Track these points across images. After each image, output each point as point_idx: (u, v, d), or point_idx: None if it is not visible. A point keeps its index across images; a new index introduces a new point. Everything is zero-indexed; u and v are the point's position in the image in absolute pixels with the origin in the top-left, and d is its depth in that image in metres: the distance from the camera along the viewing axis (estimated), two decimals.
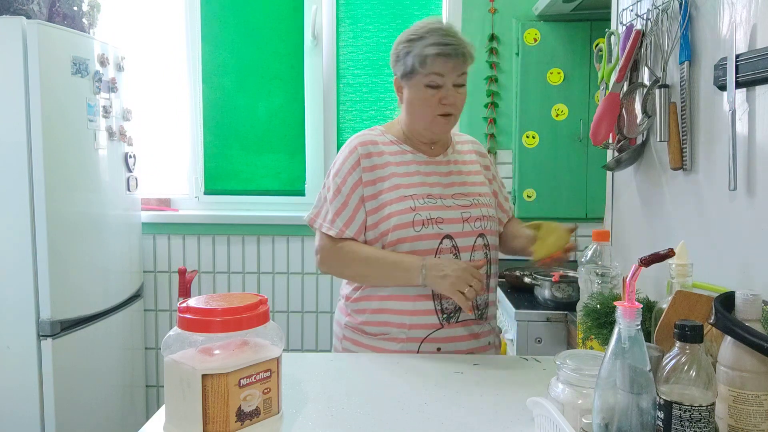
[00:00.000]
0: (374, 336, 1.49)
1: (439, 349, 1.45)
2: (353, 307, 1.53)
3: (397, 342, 1.46)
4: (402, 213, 1.46)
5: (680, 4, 1.32)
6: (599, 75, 1.65)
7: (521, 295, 2.17)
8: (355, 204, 1.49)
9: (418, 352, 1.45)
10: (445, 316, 1.46)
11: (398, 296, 1.46)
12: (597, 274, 1.25)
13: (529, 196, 2.66)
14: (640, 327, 0.77)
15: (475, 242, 1.50)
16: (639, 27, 1.52)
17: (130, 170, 2.56)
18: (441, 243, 1.46)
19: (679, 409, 0.79)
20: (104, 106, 2.35)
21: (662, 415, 0.80)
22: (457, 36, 1.46)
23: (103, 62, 2.34)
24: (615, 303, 0.79)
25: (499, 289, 2.13)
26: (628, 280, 0.82)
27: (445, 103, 1.45)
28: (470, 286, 1.35)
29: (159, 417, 1.04)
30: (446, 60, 1.42)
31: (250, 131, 2.85)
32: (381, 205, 1.48)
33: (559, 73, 2.61)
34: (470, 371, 1.30)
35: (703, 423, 0.78)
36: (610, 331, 0.83)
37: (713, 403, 0.80)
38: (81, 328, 2.24)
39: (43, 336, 2.09)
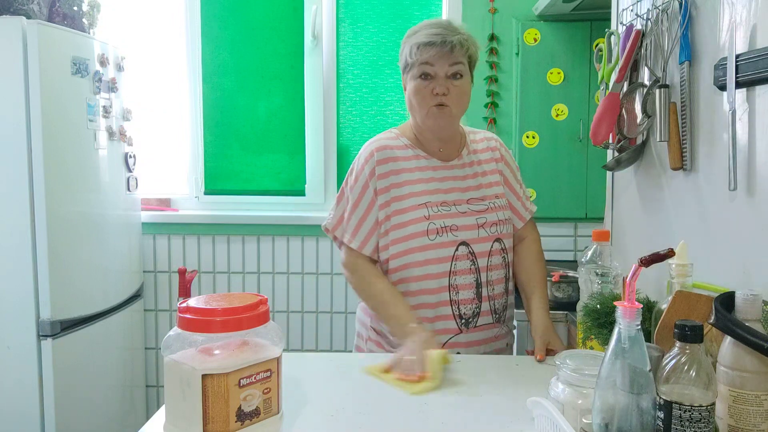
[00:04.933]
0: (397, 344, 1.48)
1: (458, 353, 1.45)
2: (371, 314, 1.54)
3: None
4: (416, 222, 1.45)
5: (680, 4, 1.32)
6: (599, 75, 1.65)
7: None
8: (373, 220, 1.49)
9: None
10: (463, 321, 1.46)
11: (418, 304, 1.46)
12: (597, 274, 1.25)
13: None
14: (640, 327, 0.77)
15: (491, 247, 1.49)
16: (639, 27, 1.52)
17: (130, 170, 2.56)
18: (457, 250, 1.46)
19: (679, 409, 0.79)
20: (104, 106, 2.35)
21: (662, 415, 0.80)
22: (450, 27, 1.44)
23: (103, 62, 2.34)
24: (615, 303, 0.79)
25: None
26: (628, 280, 0.82)
27: (436, 93, 1.43)
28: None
29: (159, 417, 1.04)
30: (431, 48, 1.41)
31: (250, 131, 2.85)
32: (392, 213, 1.48)
33: (559, 73, 2.61)
34: (470, 371, 1.30)
35: (703, 423, 0.78)
36: (610, 331, 0.83)
37: (713, 403, 0.80)
38: (81, 328, 2.24)
39: (43, 336, 2.09)
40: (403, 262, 1.46)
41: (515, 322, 1.86)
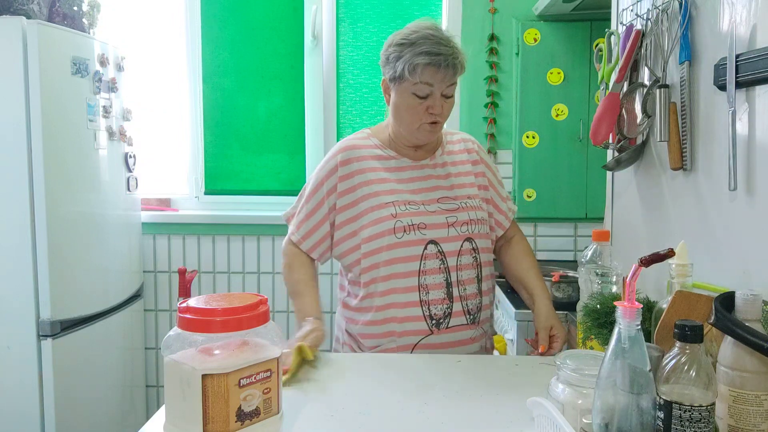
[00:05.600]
0: (370, 348, 1.48)
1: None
2: (349, 317, 1.53)
3: (389, 352, 1.45)
4: (383, 220, 1.44)
5: (680, 4, 1.32)
6: (599, 75, 1.65)
7: None
8: (322, 216, 1.51)
9: None
10: (434, 322, 1.44)
11: (389, 305, 1.44)
12: (597, 274, 1.25)
13: (529, 196, 2.66)
14: (640, 327, 0.77)
15: (461, 246, 1.47)
16: (639, 27, 1.52)
17: (130, 170, 2.56)
18: (426, 248, 1.44)
19: (679, 409, 0.79)
20: (104, 106, 2.35)
21: (662, 415, 0.80)
22: (449, 45, 1.41)
23: (103, 62, 2.34)
24: (615, 303, 0.79)
25: (498, 289, 2.13)
26: (628, 280, 0.82)
27: (432, 113, 1.42)
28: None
29: (159, 417, 1.04)
30: (436, 71, 1.38)
31: (250, 131, 2.85)
32: (361, 213, 1.47)
33: (559, 73, 2.61)
34: (470, 371, 1.30)
35: (703, 423, 0.78)
36: (610, 331, 0.83)
37: (713, 403, 0.80)
38: (81, 328, 2.24)
39: (43, 336, 2.09)
40: (372, 262, 1.45)
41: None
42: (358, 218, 1.47)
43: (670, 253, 0.89)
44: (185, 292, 2.55)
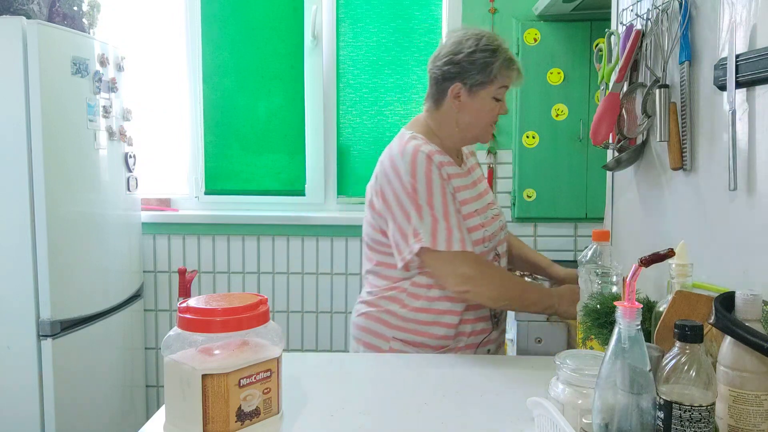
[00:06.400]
0: (434, 348, 1.48)
1: (489, 351, 1.55)
2: (410, 317, 1.48)
3: (454, 352, 1.49)
4: (475, 230, 1.48)
5: (680, 4, 1.32)
6: (599, 75, 1.65)
7: None
8: (460, 217, 1.48)
9: None
10: (495, 320, 1.55)
11: (469, 307, 1.48)
12: (597, 274, 1.25)
13: (529, 196, 2.66)
14: (640, 327, 0.77)
15: (505, 246, 1.62)
16: (639, 27, 1.52)
17: (130, 170, 2.56)
18: (491, 254, 1.54)
19: (679, 409, 0.79)
20: (104, 106, 2.35)
21: (662, 415, 0.80)
22: None
23: (103, 62, 2.34)
24: (615, 303, 0.79)
25: None
26: (628, 280, 0.82)
27: (499, 114, 1.51)
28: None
29: (159, 417, 1.04)
30: (518, 75, 1.50)
31: (250, 131, 2.85)
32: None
33: (559, 73, 2.61)
34: (470, 371, 1.30)
35: (703, 423, 0.78)
36: (610, 331, 0.83)
37: (713, 403, 0.80)
38: (81, 328, 2.24)
39: (43, 336, 2.09)
40: None
41: (515, 323, 1.88)
42: None
43: (670, 253, 0.89)
44: (185, 292, 2.55)
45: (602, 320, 1.17)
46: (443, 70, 1.47)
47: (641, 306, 0.78)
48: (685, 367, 0.79)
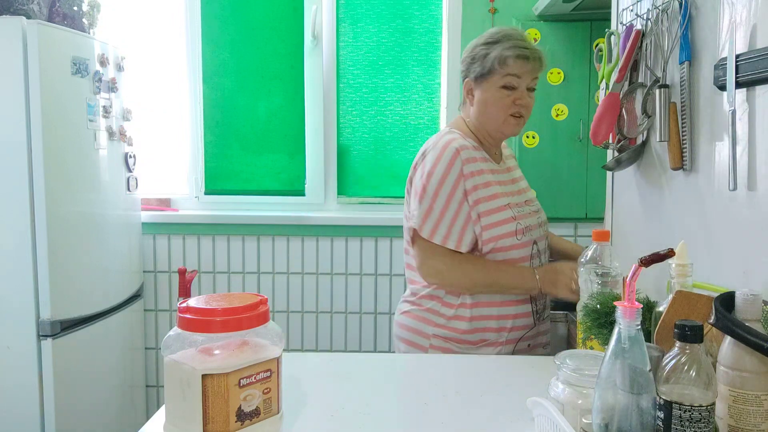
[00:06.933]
0: (473, 344, 1.51)
1: (529, 345, 1.56)
2: (446, 320, 1.52)
3: (495, 347, 1.51)
4: (506, 222, 1.50)
5: (680, 4, 1.32)
6: (599, 75, 1.65)
7: None
8: (466, 216, 1.50)
9: (513, 353, 1.52)
10: (538, 315, 1.56)
11: (498, 302, 1.51)
12: (597, 274, 1.25)
13: None
14: (640, 327, 0.77)
15: (546, 243, 1.63)
16: (639, 27, 1.52)
17: (130, 170, 2.56)
18: (532, 249, 1.55)
19: (679, 409, 0.79)
20: (104, 106, 2.35)
21: (662, 415, 0.80)
22: (530, 41, 1.56)
23: (103, 62, 2.34)
24: (615, 303, 0.79)
25: None
26: (628, 280, 0.82)
27: (518, 104, 1.53)
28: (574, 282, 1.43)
29: (159, 417, 1.04)
30: (525, 62, 1.50)
31: (250, 131, 2.85)
32: (483, 213, 1.51)
33: (559, 73, 2.61)
34: (470, 371, 1.30)
35: (703, 423, 0.78)
36: (610, 331, 0.83)
37: (713, 403, 0.80)
38: (81, 328, 2.24)
39: (43, 336, 2.09)
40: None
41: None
42: (479, 219, 1.51)
43: (670, 253, 0.89)
44: (185, 292, 2.55)
45: (602, 320, 1.17)
46: (461, 70, 1.60)
47: (641, 306, 0.78)
48: (685, 367, 0.79)
